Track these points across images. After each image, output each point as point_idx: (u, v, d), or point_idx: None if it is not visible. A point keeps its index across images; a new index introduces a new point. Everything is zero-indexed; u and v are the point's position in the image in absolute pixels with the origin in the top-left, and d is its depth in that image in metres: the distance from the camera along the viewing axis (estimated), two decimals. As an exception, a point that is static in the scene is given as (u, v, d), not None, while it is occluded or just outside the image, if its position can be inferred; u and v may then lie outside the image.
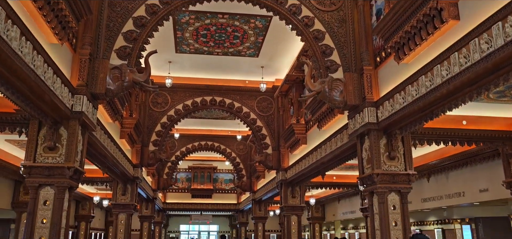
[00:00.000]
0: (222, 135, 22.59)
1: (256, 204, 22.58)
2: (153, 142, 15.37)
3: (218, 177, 30.17)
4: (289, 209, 15.37)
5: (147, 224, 22.16)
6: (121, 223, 14.41)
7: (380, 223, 7.72)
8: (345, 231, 23.96)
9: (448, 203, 12.39)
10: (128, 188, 14.52)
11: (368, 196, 8.24)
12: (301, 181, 14.66)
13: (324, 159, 11.17)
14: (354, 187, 16.34)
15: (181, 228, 37.48)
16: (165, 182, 22.44)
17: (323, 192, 21.33)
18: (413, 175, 7.89)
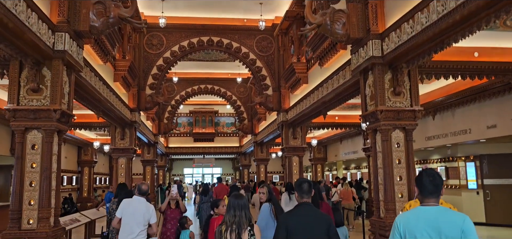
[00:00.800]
0: (222, 78, 22.11)
1: (257, 146, 22.50)
2: (149, 85, 14.94)
3: (220, 121, 30.02)
4: (290, 150, 15.19)
5: (149, 168, 22.29)
6: (121, 167, 14.31)
7: (383, 161, 7.42)
8: (347, 171, 24.02)
9: (453, 141, 12.09)
10: (126, 132, 14.29)
11: (371, 134, 7.89)
12: (302, 122, 14.35)
13: (325, 98, 10.75)
14: (356, 127, 16.05)
15: (185, 172, 37.99)
16: (166, 126, 22.28)
17: (325, 133, 21.13)
18: (419, 111, 7.49)
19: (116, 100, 11.84)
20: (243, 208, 3.36)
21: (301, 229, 3.28)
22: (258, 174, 22.95)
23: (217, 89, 22.54)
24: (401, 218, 2.63)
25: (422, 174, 2.66)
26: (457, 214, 2.53)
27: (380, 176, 7.58)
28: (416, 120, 7.47)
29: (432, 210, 2.52)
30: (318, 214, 3.46)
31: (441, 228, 2.43)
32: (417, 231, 2.49)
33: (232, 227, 3.27)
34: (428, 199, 2.57)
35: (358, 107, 14.45)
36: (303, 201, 3.47)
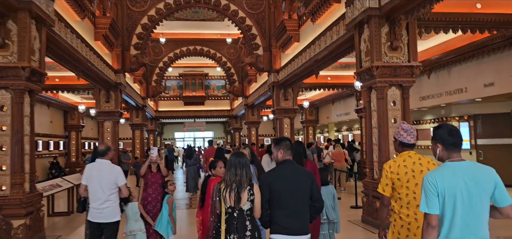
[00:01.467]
0: (212, 39, 21.37)
1: (248, 109, 22.08)
2: (134, 45, 14.28)
3: (210, 84, 29.43)
4: (281, 112, 14.81)
5: (139, 132, 21.85)
6: (107, 131, 13.85)
7: (378, 121, 7.05)
8: (338, 133, 23.80)
9: (448, 100, 11.74)
10: (111, 94, 13.74)
11: (366, 92, 7.49)
12: (294, 82, 13.89)
13: (318, 56, 10.26)
14: (349, 87, 15.62)
15: (176, 136, 37.62)
16: (154, 89, 21.67)
17: (317, 94, 20.72)
18: (417, 67, 7.07)
19: (98, 60, 11.24)
20: (244, 167, 3.22)
21: (284, 187, 3.22)
22: (249, 137, 22.61)
23: (207, 50, 21.81)
24: (435, 175, 2.39)
25: (444, 129, 2.48)
26: (487, 167, 2.43)
27: (374, 135, 7.23)
28: (414, 76, 7.06)
29: (466, 164, 2.40)
30: (300, 171, 3.36)
31: (479, 181, 2.34)
32: (457, 187, 2.33)
33: (232, 186, 3.16)
34: (455, 154, 2.44)
35: (352, 67, 14.01)
36: (285, 158, 3.38)
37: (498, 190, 2.35)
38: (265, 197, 3.20)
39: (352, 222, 7.84)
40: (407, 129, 3.30)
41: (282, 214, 3.20)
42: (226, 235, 3.14)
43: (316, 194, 3.29)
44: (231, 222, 3.15)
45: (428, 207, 2.36)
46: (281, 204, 3.20)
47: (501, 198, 2.36)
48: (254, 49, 15.12)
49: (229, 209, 3.16)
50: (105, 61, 12.22)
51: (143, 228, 5.10)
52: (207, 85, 29.33)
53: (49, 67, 12.48)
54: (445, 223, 2.36)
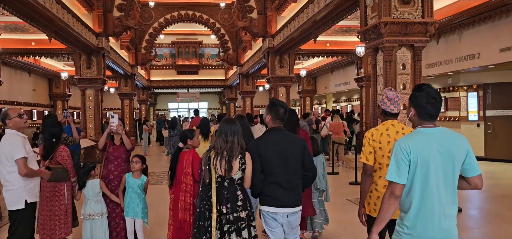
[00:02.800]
0: (204, 3, 20.17)
1: (243, 78, 21.08)
2: (117, 7, 13.18)
3: (204, 52, 28.25)
4: (277, 80, 13.82)
5: (128, 102, 20.85)
6: (89, 99, 12.89)
7: (385, 87, 6.11)
8: (337, 104, 22.90)
9: (458, 68, 10.79)
10: (93, 60, 12.71)
11: (371, 54, 6.52)
12: (290, 48, 12.86)
13: (316, 16, 9.24)
14: (349, 54, 14.63)
15: (170, 106, 36.64)
16: (144, 56, 20.54)
17: (315, 63, 19.71)
18: (433, 24, 6.08)
19: (74, 20, 10.16)
20: (235, 134, 3.03)
21: (273, 154, 3.03)
22: (243, 107, 21.72)
23: (199, 16, 20.59)
24: (409, 142, 2.22)
25: (423, 96, 2.25)
26: (459, 135, 2.32)
27: (380, 104, 6.30)
28: (428, 34, 6.08)
29: (439, 131, 2.25)
30: (291, 138, 3.16)
31: (452, 150, 2.21)
32: (430, 156, 2.18)
33: (223, 153, 2.98)
34: (427, 122, 2.27)
35: (353, 32, 12.98)
36: (274, 125, 3.16)
37: (469, 159, 2.25)
38: (257, 165, 3.01)
39: (351, 200, 7.02)
40: (392, 97, 3.09)
41: (272, 184, 3.02)
42: (217, 205, 2.96)
43: (309, 163, 3.11)
44: (221, 192, 2.98)
45: (398, 176, 2.19)
46: (271, 173, 3.01)
47: (471, 168, 2.26)
48: (248, 12, 14.02)
49: (219, 178, 3.00)
50: (84, 22, 11.13)
51: (105, 211, 4.23)
52: (201, 53, 28.16)
53: (22, 29, 11.43)
54: (415, 193, 2.20)
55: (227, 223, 2.94)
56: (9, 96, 15.68)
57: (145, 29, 20.34)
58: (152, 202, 6.94)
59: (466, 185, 2.31)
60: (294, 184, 3.05)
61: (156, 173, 10.65)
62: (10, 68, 15.47)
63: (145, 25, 20.29)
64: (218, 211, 2.97)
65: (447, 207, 2.19)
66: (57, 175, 3.89)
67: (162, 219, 5.68)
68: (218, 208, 2.96)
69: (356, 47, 12.36)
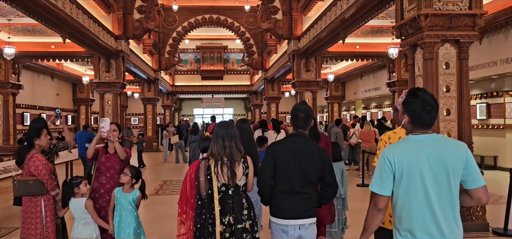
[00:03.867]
0: (229, 7, 19.67)
1: (268, 83, 20.41)
2: (138, 9, 12.80)
3: (229, 57, 27.78)
4: (302, 85, 13.07)
5: (151, 107, 20.58)
6: (108, 104, 12.54)
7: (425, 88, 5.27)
8: (366, 110, 21.81)
9: (503, 70, 9.75)
10: (112, 63, 12.36)
11: (408, 51, 5.70)
12: (317, 50, 12.09)
13: (345, 14, 8.47)
14: (380, 57, 13.70)
15: (195, 112, 36.39)
16: (167, 61, 20.23)
17: (344, 67, 18.80)
18: (482, 16, 5.22)
19: (90, 22, 9.79)
20: (232, 138, 2.83)
21: (289, 162, 2.77)
22: (268, 113, 21.03)
23: (224, 19, 20.09)
24: (393, 150, 2.02)
25: (419, 103, 2.01)
26: (457, 141, 2.08)
27: (419, 109, 5.47)
28: (476, 28, 5.23)
29: (431, 138, 2.01)
30: (312, 147, 2.85)
31: (446, 159, 1.94)
32: (418, 166, 1.94)
33: (223, 160, 2.78)
34: (420, 130, 2.04)
35: (384, 33, 12.10)
36: (295, 131, 2.91)
37: (469, 169, 1.98)
38: (268, 169, 2.74)
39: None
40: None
41: (284, 193, 2.76)
42: (221, 217, 2.73)
43: (329, 177, 2.80)
44: (226, 202, 2.76)
45: (380, 187, 2.01)
46: (284, 181, 2.76)
47: (472, 178, 1.98)
48: (272, 14, 13.36)
49: (223, 187, 2.77)
50: (102, 24, 10.77)
51: (95, 236, 3.57)
52: (226, 59, 27.72)
53: (40, 31, 11.19)
54: (404, 208, 1.98)
55: (232, 236, 2.72)
56: (32, 100, 15.60)
57: (169, 33, 20.05)
58: (161, 216, 6.36)
59: (469, 200, 2.05)
60: (308, 195, 2.76)
61: (173, 182, 10.10)
62: (32, 72, 15.42)
63: (168, 29, 20.01)
64: (222, 224, 2.72)
65: (445, 223, 1.92)
66: (27, 189, 3.30)
67: (169, 236, 5.05)
68: (223, 220, 2.72)
69: (389, 48, 11.48)
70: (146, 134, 20.22)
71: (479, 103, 11.94)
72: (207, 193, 2.76)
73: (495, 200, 7.25)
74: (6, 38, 10.96)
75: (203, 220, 2.75)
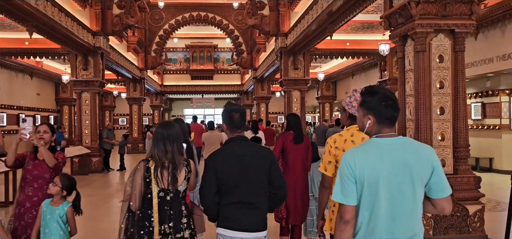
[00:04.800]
0: (217, 4, 19.12)
1: (257, 83, 19.83)
2: (117, 4, 12.18)
3: (219, 57, 27.16)
4: (290, 83, 12.52)
5: (136, 107, 19.94)
6: (85, 103, 11.89)
7: (416, 84, 4.75)
8: (359, 111, 21.40)
9: (500, 67, 9.25)
10: (90, 61, 11.72)
11: (397, 43, 5.16)
12: (305, 47, 11.53)
13: (332, 7, 7.91)
14: (371, 54, 13.17)
15: (186, 112, 35.73)
16: (154, 60, 19.60)
17: (335, 66, 18.27)
18: (480, 3, 4.69)
19: (61, 15, 9.15)
20: (174, 141, 2.60)
21: (233, 169, 2.51)
22: (258, 113, 20.44)
23: (212, 17, 19.54)
24: (355, 156, 1.83)
25: (379, 97, 1.86)
26: (423, 146, 1.91)
27: (409, 107, 4.94)
28: (473, 16, 4.68)
29: (396, 142, 1.84)
30: (255, 150, 2.62)
31: (411, 165, 1.79)
32: (381, 171, 1.78)
33: (164, 164, 2.54)
34: (387, 128, 1.85)
35: (375, 29, 11.58)
36: (233, 135, 2.63)
37: (435, 176, 1.82)
38: (211, 185, 2.50)
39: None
40: None
41: (232, 204, 2.52)
42: (159, 225, 2.52)
43: (277, 179, 2.60)
44: (163, 208, 2.55)
45: (344, 196, 1.82)
46: (230, 192, 2.53)
47: (437, 187, 1.83)
48: (259, 9, 12.80)
49: (161, 193, 2.56)
50: (76, 19, 10.14)
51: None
52: (216, 58, 27.11)
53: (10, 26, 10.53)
54: (364, 218, 1.81)
55: None
56: (9, 100, 14.90)
57: (155, 31, 19.45)
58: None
59: (431, 208, 1.92)
60: (258, 204, 2.55)
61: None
62: (9, 70, 14.73)
63: (155, 27, 19.40)
64: (160, 233, 2.50)
65: (406, 234, 1.80)
66: None
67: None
68: (161, 228, 2.51)
69: (379, 45, 10.94)
70: (132, 135, 19.60)
71: (474, 103, 11.45)
72: (142, 199, 2.52)
73: (492, 207, 6.72)
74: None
75: (139, 227, 2.49)
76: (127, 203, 2.59)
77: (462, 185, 4.71)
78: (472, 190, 4.74)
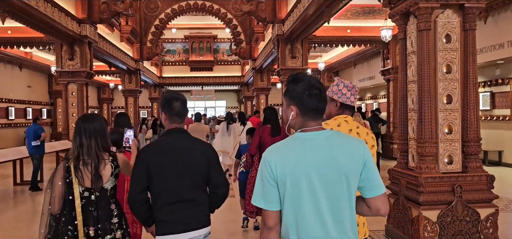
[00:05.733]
0: (215, -8, 18.43)
1: (257, 74, 19.17)
2: (104, -11, 11.55)
3: (219, 47, 26.51)
4: (287, 73, 11.84)
5: (132, 99, 19.38)
6: (72, 95, 11.33)
7: (419, 68, 4.11)
8: (361, 102, 20.65)
9: (511, 53, 8.57)
10: (76, 50, 11.14)
11: (398, 22, 4.51)
12: (302, 34, 10.86)
13: (329, -14, 7.25)
14: (374, 42, 12.47)
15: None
16: (150, 50, 18.98)
17: (336, 56, 17.58)
18: (494, -29, 4.01)
19: (43, 3, 8.55)
20: (92, 135, 2.41)
21: (168, 167, 2.30)
22: (258, 105, 19.81)
23: (209, 5, 18.81)
24: (274, 155, 1.65)
25: (303, 85, 1.68)
26: (354, 139, 1.71)
27: (411, 95, 4.31)
28: (486, -11, 4.03)
29: (322, 136, 1.65)
30: (194, 144, 2.41)
31: (340, 161, 1.61)
32: (304, 170, 1.59)
33: (85, 160, 2.38)
34: (313, 121, 1.67)
35: (377, 13, 10.89)
36: (172, 126, 2.41)
37: (367, 173, 1.64)
38: (139, 180, 2.27)
39: (372, 235, 5.02)
40: (351, 86, 2.38)
41: (169, 206, 2.30)
42: (84, 228, 2.35)
43: (217, 178, 2.41)
44: (88, 210, 2.36)
45: (264, 200, 1.64)
46: (166, 190, 2.31)
47: (370, 185, 1.65)
48: (254, -6, 12.15)
49: (86, 192, 2.38)
50: (59, 5, 9.53)
51: None
52: (216, 49, 26.47)
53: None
54: (289, 221, 1.62)
55: None
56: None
57: (151, 21, 18.82)
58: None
59: (366, 209, 1.70)
60: (201, 201, 2.39)
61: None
62: (-4, 62, 14.21)
63: (150, 16, 18.78)
64: (86, 236, 2.36)
65: (341, 237, 1.59)
66: None
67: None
68: (85, 230, 2.36)
69: (381, 31, 10.25)
70: (128, 127, 19.07)
71: (482, 92, 10.75)
72: (64, 202, 2.36)
73: (504, 206, 6.09)
74: None
75: (62, 232, 2.33)
76: (45, 215, 2.40)
77: (472, 185, 4.09)
78: (484, 191, 4.12)
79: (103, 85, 25.76)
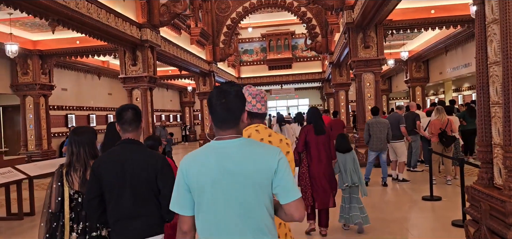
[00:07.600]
0: (286, -15, 17.52)
1: (334, 68, 17.81)
2: (164, -9, 11.35)
3: (298, 44, 25.50)
4: (360, 65, 10.53)
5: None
6: (136, 101, 11.31)
7: (503, 45, 2.76)
8: (458, 93, 17.96)
9: None
10: (138, 55, 11.09)
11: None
12: (374, 18, 9.42)
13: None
14: (465, 22, 10.44)
15: (268, 105, 34.82)
16: (223, 51, 18.76)
17: (423, 43, 15.45)
18: None
19: (96, 9, 8.47)
20: (80, 145, 2.76)
21: (115, 180, 2.39)
22: (337, 103, 18.46)
23: (281, 0, 17.97)
24: (187, 160, 1.76)
25: (214, 91, 1.77)
26: (267, 147, 1.76)
27: (494, 83, 2.98)
28: None
29: (232, 145, 1.71)
30: (140, 156, 2.44)
31: (249, 170, 1.66)
32: (208, 177, 1.66)
33: (75, 167, 2.73)
34: (221, 131, 1.74)
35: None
36: (125, 136, 2.50)
37: (279, 181, 1.68)
38: (91, 188, 2.42)
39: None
40: (256, 93, 2.42)
41: (118, 220, 2.37)
42: (73, 224, 2.67)
43: (163, 189, 2.39)
44: (76, 210, 2.70)
45: (178, 205, 1.74)
46: (114, 200, 2.38)
47: (282, 192, 1.70)
48: (319, -19, 10.98)
49: (76, 195, 2.72)
50: (113, 10, 9.45)
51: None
52: (294, 45, 25.55)
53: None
54: (198, 228, 1.72)
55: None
56: (77, 101, 15.18)
57: (222, 22, 18.59)
58: None
59: (283, 215, 1.76)
60: (146, 216, 2.37)
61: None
62: (77, 72, 14.97)
63: (222, 16, 18.55)
64: (75, 232, 2.66)
65: None
66: None
67: None
68: (75, 228, 2.66)
69: (471, 6, 8.40)
70: (203, 130, 19.08)
71: None
72: (59, 202, 2.69)
73: None
74: (9, 32, 10.14)
75: (53, 229, 2.66)
76: (46, 212, 2.76)
77: None
78: None
79: (183, 89, 26.43)
